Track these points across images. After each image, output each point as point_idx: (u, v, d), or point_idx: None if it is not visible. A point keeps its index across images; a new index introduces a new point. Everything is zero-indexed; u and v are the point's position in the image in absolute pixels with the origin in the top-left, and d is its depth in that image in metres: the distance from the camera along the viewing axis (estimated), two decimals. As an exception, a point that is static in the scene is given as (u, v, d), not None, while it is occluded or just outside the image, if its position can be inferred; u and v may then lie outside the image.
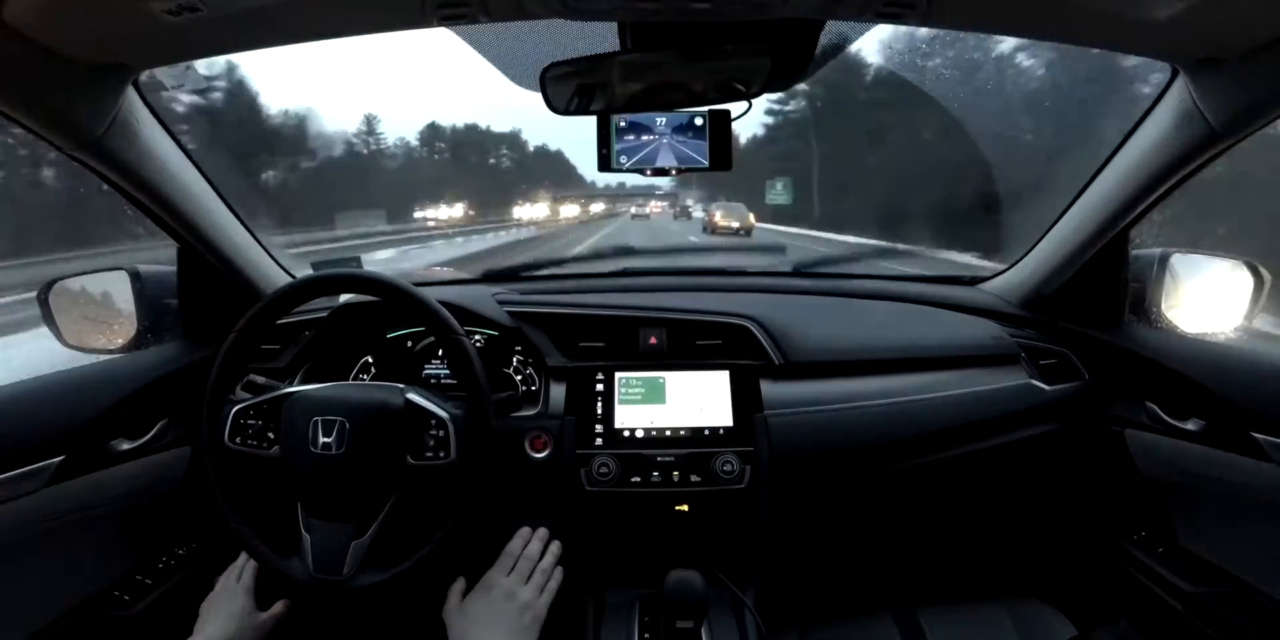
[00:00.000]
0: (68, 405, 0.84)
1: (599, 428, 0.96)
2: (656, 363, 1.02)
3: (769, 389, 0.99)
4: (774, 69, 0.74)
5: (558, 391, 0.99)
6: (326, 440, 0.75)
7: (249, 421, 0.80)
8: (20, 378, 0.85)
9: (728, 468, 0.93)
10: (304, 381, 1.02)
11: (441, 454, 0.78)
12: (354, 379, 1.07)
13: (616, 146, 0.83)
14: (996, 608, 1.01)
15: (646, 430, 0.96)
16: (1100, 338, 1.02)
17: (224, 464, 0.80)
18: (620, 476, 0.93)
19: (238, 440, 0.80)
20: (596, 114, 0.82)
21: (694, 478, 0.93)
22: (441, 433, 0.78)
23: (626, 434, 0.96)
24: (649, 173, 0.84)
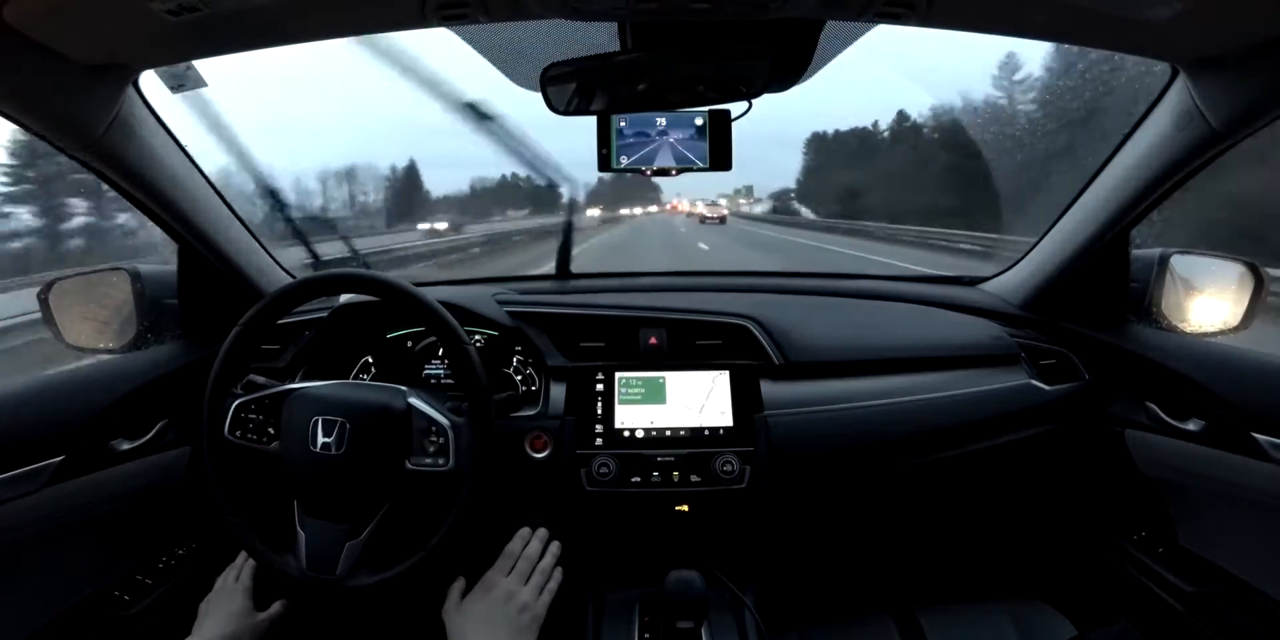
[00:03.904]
0: (68, 405, 0.84)
1: (599, 428, 0.96)
2: (656, 363, 1.02)
3: (769, 389, 0.99)
4: (774, 69, 0.74)
5: (558, 391, 0.99)
6: (326, 440, 0.75)
7: (250, 415, 0.80)
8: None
9: (728, 468, 0.93)
10: (304, 382, 1.02)
11: (440, 461, 0.78)
12: (354, 379, 1.07)
13: (616, 146, 0.83)
14: (996, 608, 1.01)
15: (646, 430, 0.96)
16: (1100, 338, 1.02)
17: (222, 456, 0.80)
18: (620, 476, 0.93)
19: (238, 434, 0.80)
20: (597, 114, 0.82)
21: (694, 478, 0.93)
22: (441, 440, 0.78)
23: (626, 434, 0.96)
24: (649, 173, 0.84)
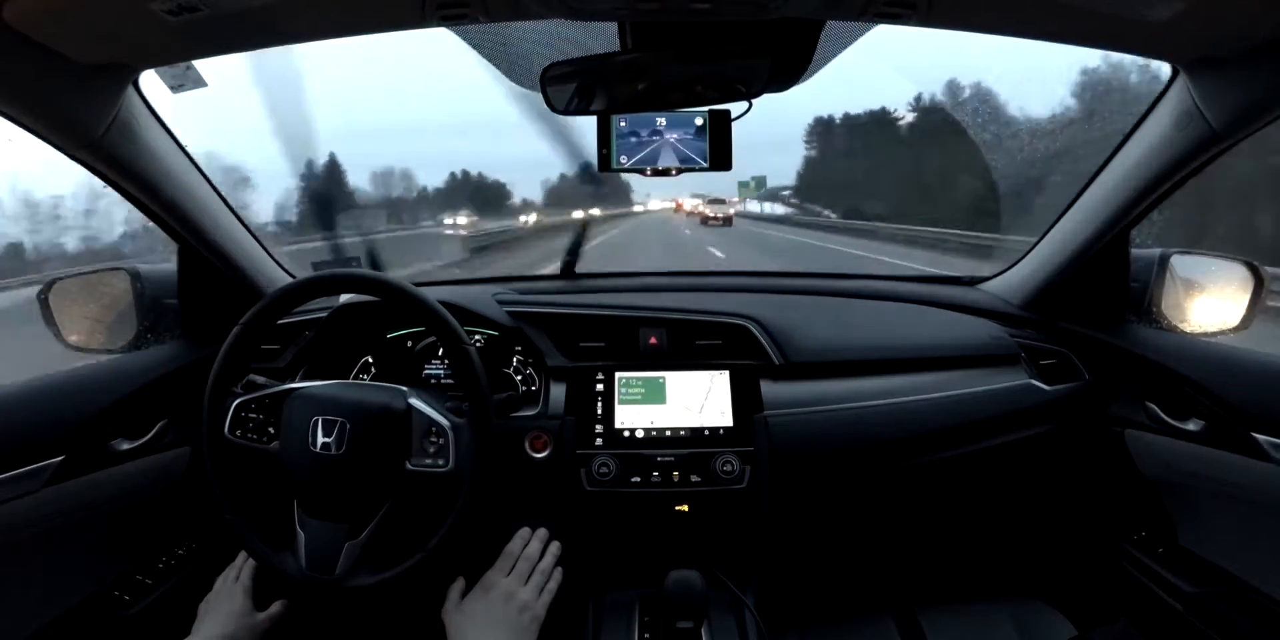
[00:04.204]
0: (68, 405, 0.84)
1: (599, 428, 0.96)
2: (656, 363, 1.02)
3: (769, 389, 0.99)
4: (774, 69, 0.74)
5: (558, 391, 0.99)
6: (326, 440, 0.75)
7: (250, 415, 0.80)
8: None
9: (728, 468, 0.93)
10: (304, 381, 1.02)
11: (440, 462, 0.77)
12: (354, 379, 1.07)
13: (616, 146, 0.83)
14: (996, 608, 1.01)
15: (646, 430, 0.96)
16: (1100, 338, 1.02)
17: (222, 455, 0.80)
18: (620, 476, 0.93)
19: (238, 433, 0.80)
20: (597, 114, 0.82)
21: (694, 478, 0.93)
22: (441, 440, 0.78)
23: (626, 434, 0.96)
24: (649, 173, 0.84)
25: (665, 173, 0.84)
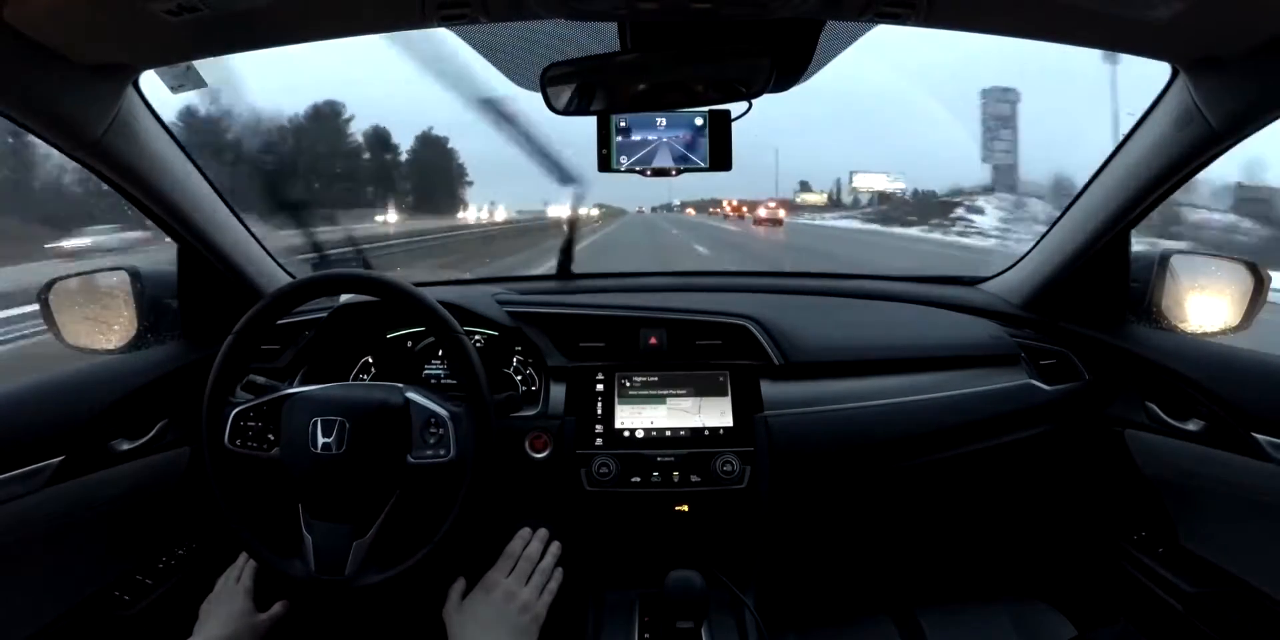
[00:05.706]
0: (68, 405, 0.84)
1: (599, 428, 0.96)
2: (656, 363, 1.02)
3: (769, 389, 0.99)
4: (774, 69, 0.74)
5: (558, 392, 0.99)
6: (326, 440, 0.75)
7: (249, 423, 0.80)
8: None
9: (728, 468, 0.93)
10: (304, 382, 1.02)
11: (442, 452, 0.78)
12: (354, 379, 1.07)
13: (616, 147, 0.83)
14: (997, 608, 1.01)
15: (646, 430, 0.96)
16: (1100, 338, 1.02)
17: (224, 466, 0.80)
18: (620, 477, 0.93)
19: (238, 442, 0.80)
20: (596, 114, 0.82)
21: (694, 478, 0.93)
22: (441, 430, 0.78)
23: (626, 434, 0.96)
24: (648, 173, 0.85)
25: (665, 173, 0.84)
